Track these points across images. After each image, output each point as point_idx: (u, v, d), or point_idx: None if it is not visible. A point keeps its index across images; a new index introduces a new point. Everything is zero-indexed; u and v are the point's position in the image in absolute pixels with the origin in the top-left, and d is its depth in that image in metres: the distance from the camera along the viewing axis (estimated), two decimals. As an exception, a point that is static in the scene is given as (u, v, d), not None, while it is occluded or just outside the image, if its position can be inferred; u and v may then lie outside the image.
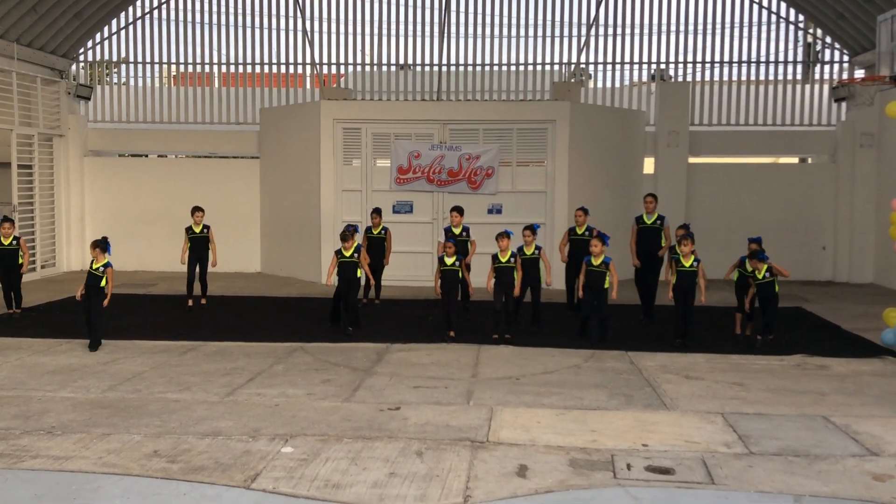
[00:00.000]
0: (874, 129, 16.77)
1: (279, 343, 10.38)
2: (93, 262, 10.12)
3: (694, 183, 17.25)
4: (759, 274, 10.24)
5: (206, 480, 5.72)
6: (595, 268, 10.43)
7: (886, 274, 16.04)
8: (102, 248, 10.13)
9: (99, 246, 10.12)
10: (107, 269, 10.04)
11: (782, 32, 18.10)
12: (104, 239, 10.33)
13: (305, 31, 18.20)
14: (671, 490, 5.65)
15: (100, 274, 10.02)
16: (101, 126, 18.62)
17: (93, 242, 10.25)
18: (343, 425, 6.99)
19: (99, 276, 10.02)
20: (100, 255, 10.08)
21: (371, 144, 15.86)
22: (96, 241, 10.23)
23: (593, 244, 10.50)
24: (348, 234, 10.87)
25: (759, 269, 10.26)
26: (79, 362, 9.28)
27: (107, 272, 10.03)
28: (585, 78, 18.83)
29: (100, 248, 10.11)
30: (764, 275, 10.21)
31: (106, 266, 10.04)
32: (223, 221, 16.66)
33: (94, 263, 10.08)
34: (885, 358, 9.88)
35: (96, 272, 10.03)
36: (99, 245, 10.14)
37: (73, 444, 6.44)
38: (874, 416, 7.46)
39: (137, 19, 18.70)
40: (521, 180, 15.71)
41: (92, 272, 10.07)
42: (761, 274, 10.22)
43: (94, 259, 10.11)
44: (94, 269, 10.06)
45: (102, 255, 10.09)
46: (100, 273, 10.02)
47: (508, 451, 6.38)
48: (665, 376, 8.86)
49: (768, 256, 10.33)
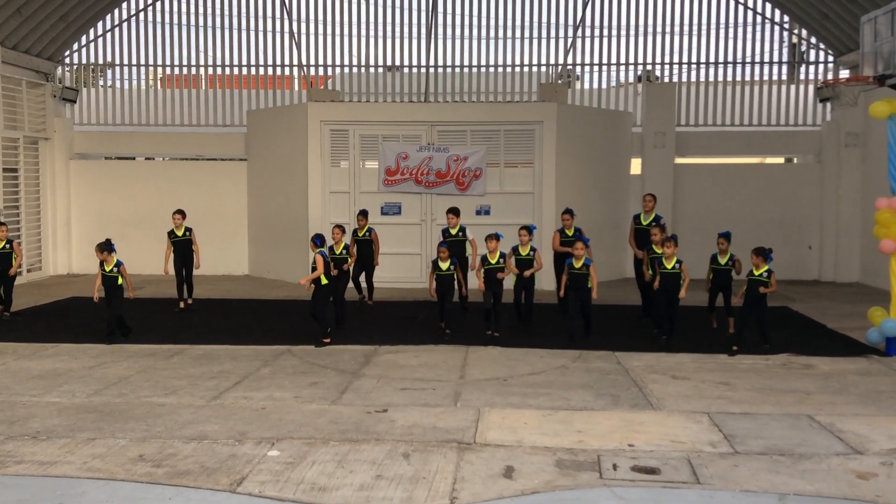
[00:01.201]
0: (859, 129, 16.88)
1: (266, 346, 10.35)
2: (103, 263, 10.43)
3: (681, 183, 17.32)
4: (757, 272, 10.13)
5: (191, 485, 5.70)
6: (577, 270, 10.56)
7: (872, 273, 16.13)
8: (109, 249, 10.45)
9: (105, 248, 10.44)
10: (120, 268, 10.44)
11: (767, 33, 18.22)
12: (108, 241, 10.65)
13: (292, 32, 18.17)
14: (656, 490, 5.67)
15: (115, 274, 10.41)
16: (87, 129, 18.54)
17: (98, 246, 10.51)
18: (330, 428, 6.98)
19: (114, 276, 10.41)
20: (108, 256, 10.40)
21: (359, 146, 15.85)
22: (102, 245, 10.50)
23: (578, 247, 10.57)
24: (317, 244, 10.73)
25: (758, 266, 10.16)
26: (64, 367, 9.24)
27: (121, 270, 10.45)
28: (572, 79, 18.88)
29: (107, 250, 10.43)
30: (761, 274, 10.11)
31: (118, 265, 10.42)
32: (211, 224, 16.64)
33: (105, 265, 10.41)
34: (870, 357, 9.95)
35: (111, 273, 10.40)
36: (105, 248, 10.44)
37: (58, 449, 6.41)
38: (859, 414, 7.51)
39: (123, 22, 18.63)
40: (509, 181, 15.74)
41: (107, 274, 10.43)
42: (758, 272, 10.13)
43: (103, 262, 10.42)
44: (108, 272, 10.41)
45: (111, 256, 10.42)
46: (115, 273, 10.41)
47: (495, 452, 6.39)
48: (652, 376, 8.89)
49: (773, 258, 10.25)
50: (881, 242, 10.29)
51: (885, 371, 9.26)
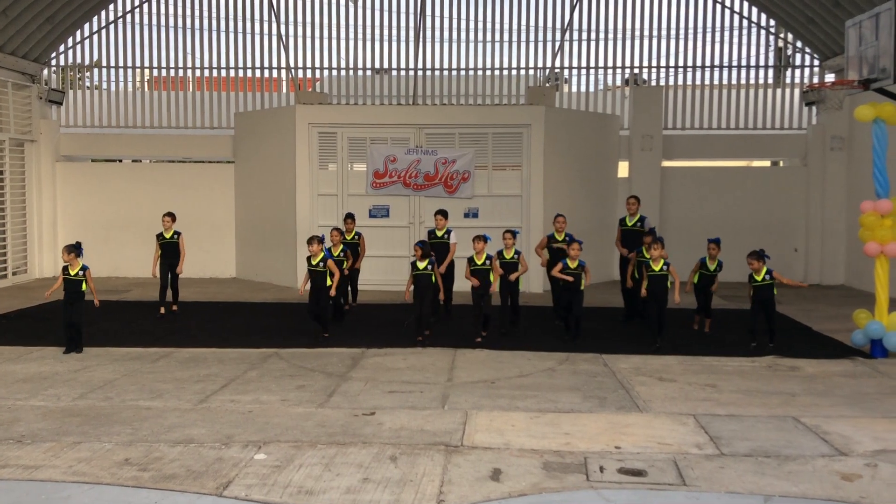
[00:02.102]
0: (844, 132, 17.01)
1: (253, 349, 10.32)
2: (67, 267, 10.12)
3: (667, 186, 17.39)
4: (759, 276, 10.21)
5: (177, 488, 5.68)
6: (572, 271, 10.58)
7: (857, 276, 16.24)
8: (77, 252, 10.17)
9: (73, 251, 10.15)
10: (86, 273, 10.14)
11: (754, 37, 18.33)
12: (78, 244, 10.38)
13: (280, 35, 18.14)
14: (643, 492, 5.69)
15: (80, 278, 10.10)
16: (73, 131, 18.46)
17: (66, 247, 10.24)
18: (317, 431, 6.97)
19: (79, 280, 10.10)
20: (74, 259, 10.10)
21: (347, 149, 15.84)
22: (70, 246, 10.23)
23: (574, 247, 10.62)
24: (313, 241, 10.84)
25: (758, 270, 10.23)
26: (50, 370, 9.18)
27: (86, 275, 10.14)
28: (560, 82, 18.93)
29: (74, 252, 10.14)
30: (763, 277, 10.18)
31: (84, 269, 10.13)
32: (198, 226, 16.59)
33: (70, 269, 10.10)
34: (855, 359, 10.02)
35: (77, 277, 10.09)
36: (73, 250, 10.17)
37: (43, 453, 6.37)
38: (844, 416, 7.55)
39: (111, 23, 18.55)
40: (497, 184, 15.76)
41: (71, 278, 10.10)
42: (760, 276, 10.20)
43: (68, 264, 10.11)
44: (73, 275, 10.09)
45: (77, 260, 10.13)
46: (80, 277, 10.10)
47: (483, 454, 6.40)
48: (638, 378, 8.93)
49: (769, 256, 10.35)
50: (866, 245, 10.38)
51: (869, 373, 9.33)
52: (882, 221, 10.24)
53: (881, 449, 6.61)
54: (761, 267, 10.19)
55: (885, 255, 10.24)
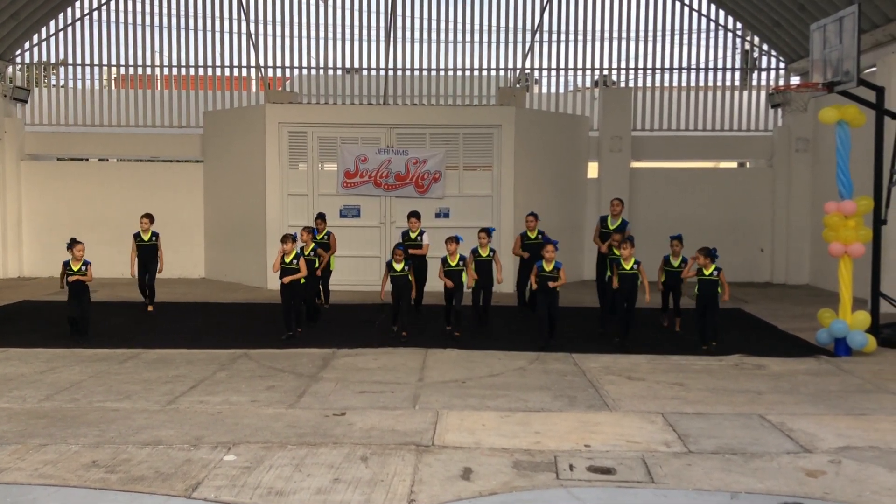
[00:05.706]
0: (809, 134, 17.28)
1: (223, 350, 10.24)
2: (69, 262, 10.63)
3: (636, 187, 17.55)
4: (707, 271, 10.29)
5: (145, 490, 5.62)
6: (547, 273, 10.52)
7: (822, 275, 16.51)
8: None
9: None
10: (87, 267, 10.72)
11: (721, 40, 18.58)
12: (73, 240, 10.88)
13: (250, 33, 18.03)
14: (612, 490, 5.75)
15: (84, 273, 10.66)
16: (38, 129, 18.19)
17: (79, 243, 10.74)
18: (287, 432, 6.94)
19: (83, 274, 10.65)
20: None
21: (317, 148, 15.78)
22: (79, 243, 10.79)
23: (549, 249, 10.56)
24: (288, 239, 10.89)
25: (706, 266, 10.32)
26: (14, 371, 9.04)
27: (88, 270, 10.73)
28: (530, 83, 19.02)
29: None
30: (711, 273, 10.27)
31: (86, 265, 10.69)
32: (166, 226, 16.31)
33: (72, 264, 10.62)
34: (820, 357, 10.18)
35: (80, 273, 10.64)
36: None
37: (8, 456, 6.27)
38: (808, 413, 7.68)
39: (77, 20, 18.31)
40: (468, 184, 15.80)
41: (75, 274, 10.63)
42: (708, 271, 10.27)
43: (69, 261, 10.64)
44: (77, 271, 10.63)
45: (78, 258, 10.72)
46: (84, 273, 10.65)
47: (453, 454, 6.41)
48: (608, 377, 9.00)
49: (718, 255, 10.45)
50: (830, 245, 10.55)
51: (833, 371, 9.49)
52: (846, 222, 10.41)
53: (845, 445, 6.72)
54: (709, 263, 10.27)
55: (848, 256, 10.42)
